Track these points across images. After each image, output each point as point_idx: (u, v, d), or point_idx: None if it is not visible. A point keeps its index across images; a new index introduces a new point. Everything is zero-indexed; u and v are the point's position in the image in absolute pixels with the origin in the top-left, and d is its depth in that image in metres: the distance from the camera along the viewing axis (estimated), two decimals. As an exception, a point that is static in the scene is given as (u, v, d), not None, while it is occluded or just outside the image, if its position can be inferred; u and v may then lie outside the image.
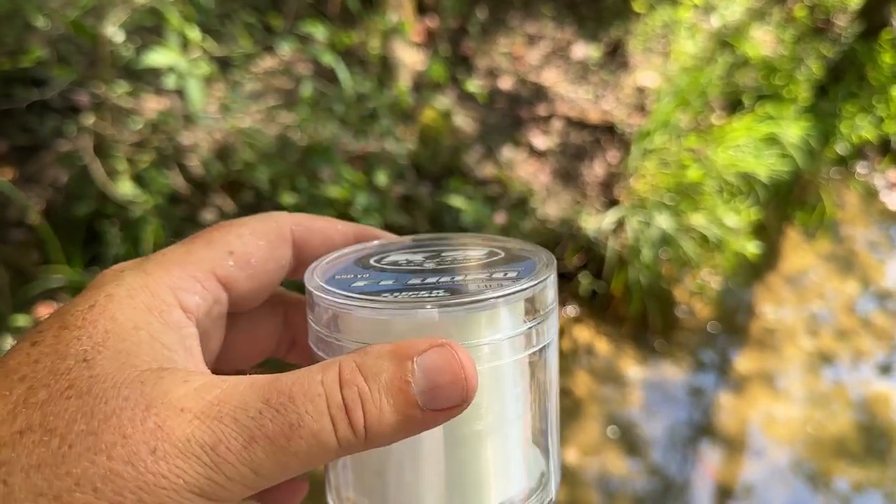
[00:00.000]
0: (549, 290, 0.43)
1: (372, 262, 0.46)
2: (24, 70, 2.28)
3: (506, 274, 0.41)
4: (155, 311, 0.38)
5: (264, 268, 0.44)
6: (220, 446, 0.32)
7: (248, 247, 0.44)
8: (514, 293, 0.39)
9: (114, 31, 1.96)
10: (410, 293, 0.40)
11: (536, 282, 0.41)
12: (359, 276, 0.43)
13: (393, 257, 0.47)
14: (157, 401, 0.32)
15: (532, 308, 0.41)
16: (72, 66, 2.31)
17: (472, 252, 0.47)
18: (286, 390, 0.34)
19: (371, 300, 0.39)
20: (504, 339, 0.40)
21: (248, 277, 0.43)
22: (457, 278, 0.42)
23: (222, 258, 0.42)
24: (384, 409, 0.35)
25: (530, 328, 0.41)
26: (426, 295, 0.39)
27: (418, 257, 0.46)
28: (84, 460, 0.31)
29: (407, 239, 0.49)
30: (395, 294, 0.40)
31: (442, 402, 0.36)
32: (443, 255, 0.46)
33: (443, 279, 0.42)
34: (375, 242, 0.49)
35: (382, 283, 0.42)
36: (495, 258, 0.45)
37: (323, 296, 0.41)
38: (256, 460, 0.33)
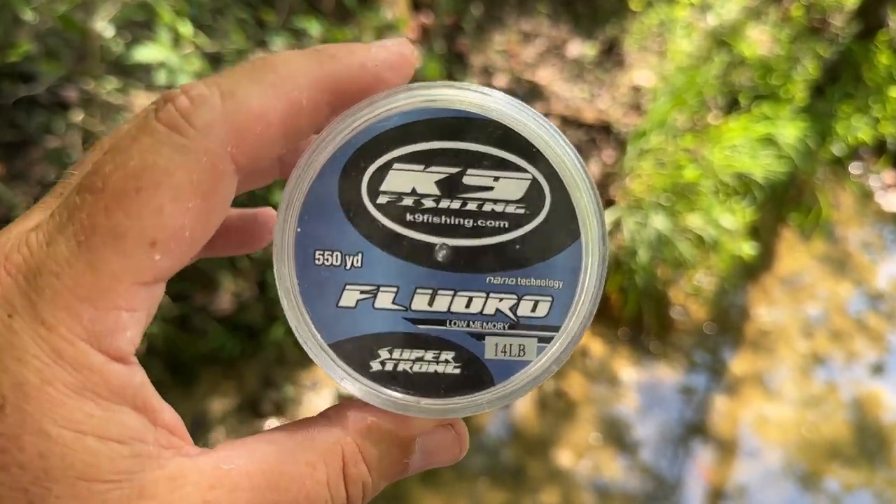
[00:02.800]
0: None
1: (364, 193, 0.36)
2: (12, 65, 2.24)
3: (535, 306, 0.37)
4: (88, 392, 0.28)
5: (204, 230, 0.32)
6: None
7: (174, 222, 0.30)
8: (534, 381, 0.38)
9: (103, 26, 1.93)
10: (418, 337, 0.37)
11: (563, 351, 0.38)
12: (347, 260, 0.36)
13: (395, 179, 0.36)
14: None
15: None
16: (60, 61, 2.27)
17: (507, 182, 0.36)
18: (291, 500, 0.32)
19: (379, 394, 0.36)
20: None
21: (185, 254, 0.31)
22: (474, 301, 0.37)
23: (143, 258, 0.29)
24: (379, 489, 0.36)
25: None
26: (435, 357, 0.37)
27: (429, 185, 0.36)
28: None
29: (415, 99, 0.36)
30: (398, 346, 0.37)
31: (428, 468, 0.38)
32: (464, 181, 0.36)
33: (457, 300, 0.37)
34: (365, 113, 0.35)
35: (382, 290, 0.36)
36: (531, 224, 0.36)
37: (325, 368, 0.37)
38: None
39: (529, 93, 3.31)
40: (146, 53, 1.88)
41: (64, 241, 0.29)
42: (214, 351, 2.45)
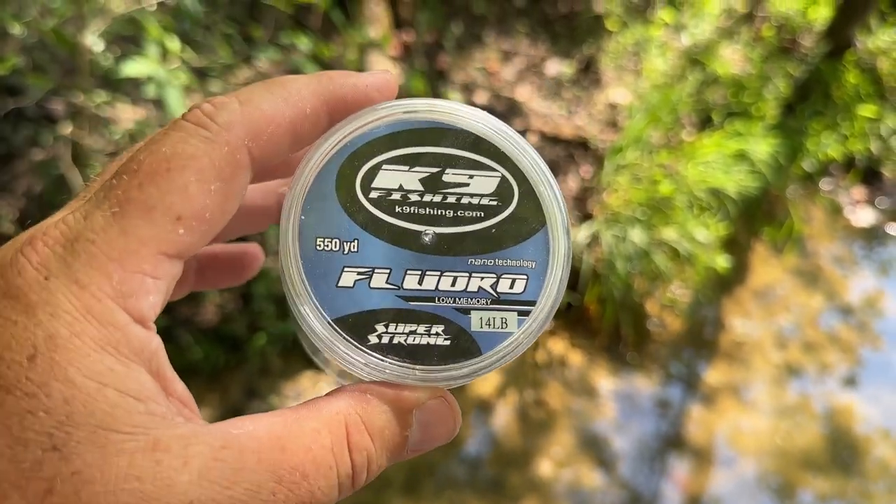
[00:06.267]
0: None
1: (358, 189, 0.40)
2: (-1, 78, 2.26)
3: (512, 283, 0.41)
4: (110, 348, 0.31)
5: (222, 215, 0.36)
6: None
7: (198, 201, 0.34)
8: (509, 353, 0.41)
9: (93, 41, 1.95)
10: (409, 306, 0.40)
11: (539, 329, 0.42)
12: (345, 246, 0.40)
13: (385, 178, 0.41)
14: (161, 502, 0.30)
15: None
16: (48, 74, 2.29)
17: (480, 179, 0.42)
18: (299, 466, 0.33)
19: (368, 360, 0.39)
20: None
21: (204, 234, 0.35)
22: (458, 279, 0.41)
23: (169, 230, 0.33)
24: (382, 464, 0.37)
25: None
26: (426, 331, 0.40)
27: (414, 182, 0.41)
28: None
29: (398, 112, 0.41)
30: (391, 313, 0.40)
31: (427, 448, 0.40)
32: (444, 179, 0.41)
33: (443, 280, 0.41)
34: (356, 123, 0.41)
35: (377, 271, 0.40)
36: (503, 213, 0.42)
37: (320, 341, 0.39)
38: None
39: (509, 109, 3.34)
40: (135, 68, 1.89)
41: (100, 213, 0.32)
42: (198, 362, 2.45)
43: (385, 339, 0.39)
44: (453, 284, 0.41)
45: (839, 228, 3.69)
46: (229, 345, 2.51)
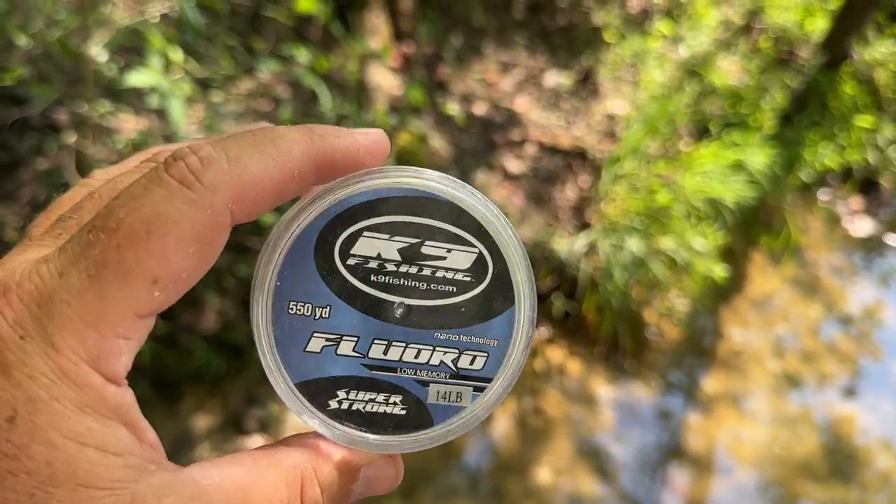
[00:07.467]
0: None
1: (336, 255, 0.41)
2: (4, 89, 2.28)
3: (473, 360, 0.43)
4: (88, 409, 0.32)
5: (196, 274, 0.36)
6: None
7: (175, 263, 0.34)
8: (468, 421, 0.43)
9: (98, 52, 1.98)
10: (373, 375, 0.42)
11: (492, 404, 0.44)
12: (317, 311, 0.41)
13: (364, 245, 0.41)
14: None
15: None
16: (52, 84, 2.31)
17: (458, 254, 0.43)
18: None
19: (336, 426, 0.41)
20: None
21: (178, 292, 0.35)
22: (422, 353, 0.42)
23: (145, 292, 0.33)
24: None
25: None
26: (386, 401, 0.42)
27: (392, 252, 0.42)
28: None
29: (384, 179, 0.42)
30: (359, 378, 0.42)
31: (367, 495, 0.42)
32: (422, 251, 0.42)
33: (408, 351, 0.42)
34: (342, 187, 0.41)
35: (345, 339, 0.41)
36: (475, 290, 0.43)
37: (294, 401, 0.41)
38: None
39: (507, 120, 3.37)
40: (138, 78, 1.91)
41: (76, 273, 0.32)
42: (200, 369, 2.46)
43: (345, 406, 0.41)
44: (417, 356, 0.42)
45: (837, 238, 3.70)
46: (230, 352, 2.52)
